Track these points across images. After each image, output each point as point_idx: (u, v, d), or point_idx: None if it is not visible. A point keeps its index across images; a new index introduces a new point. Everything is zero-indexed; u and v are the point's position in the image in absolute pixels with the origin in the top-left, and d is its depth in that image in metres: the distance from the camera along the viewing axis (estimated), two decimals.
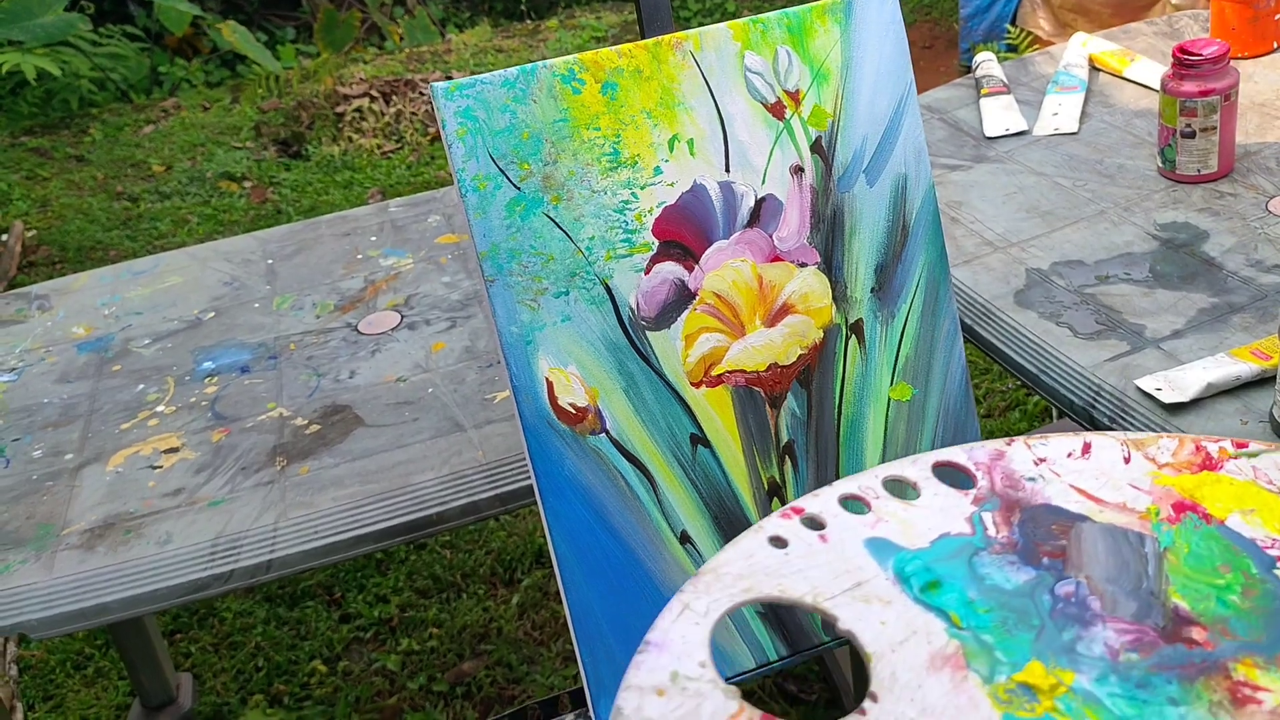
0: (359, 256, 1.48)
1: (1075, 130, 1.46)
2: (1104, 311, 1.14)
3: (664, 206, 0.72)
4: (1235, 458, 0.49)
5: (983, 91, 1.56)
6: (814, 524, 0.44)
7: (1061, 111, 1.49)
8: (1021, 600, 0.41)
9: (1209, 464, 0.49)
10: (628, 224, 0.71)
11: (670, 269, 0.72)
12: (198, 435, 1.16)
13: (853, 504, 0.44)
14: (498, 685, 1.76)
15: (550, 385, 0.71)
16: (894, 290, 0.76)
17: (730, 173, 0.73)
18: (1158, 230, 1.25)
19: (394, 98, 4.05)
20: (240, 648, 1.88)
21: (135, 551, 1.01)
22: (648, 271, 0.72)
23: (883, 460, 0.78)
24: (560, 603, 1.90)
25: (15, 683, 1.85)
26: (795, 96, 0.73)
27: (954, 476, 0.46)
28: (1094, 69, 1.59)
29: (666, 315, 0.73)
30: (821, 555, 0.43)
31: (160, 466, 1.12)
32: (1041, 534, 0.43)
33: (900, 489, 0.45)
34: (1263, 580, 0.44)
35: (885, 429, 0.78)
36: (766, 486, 0.76)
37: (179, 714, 1.76)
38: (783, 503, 0.77)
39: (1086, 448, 0.48)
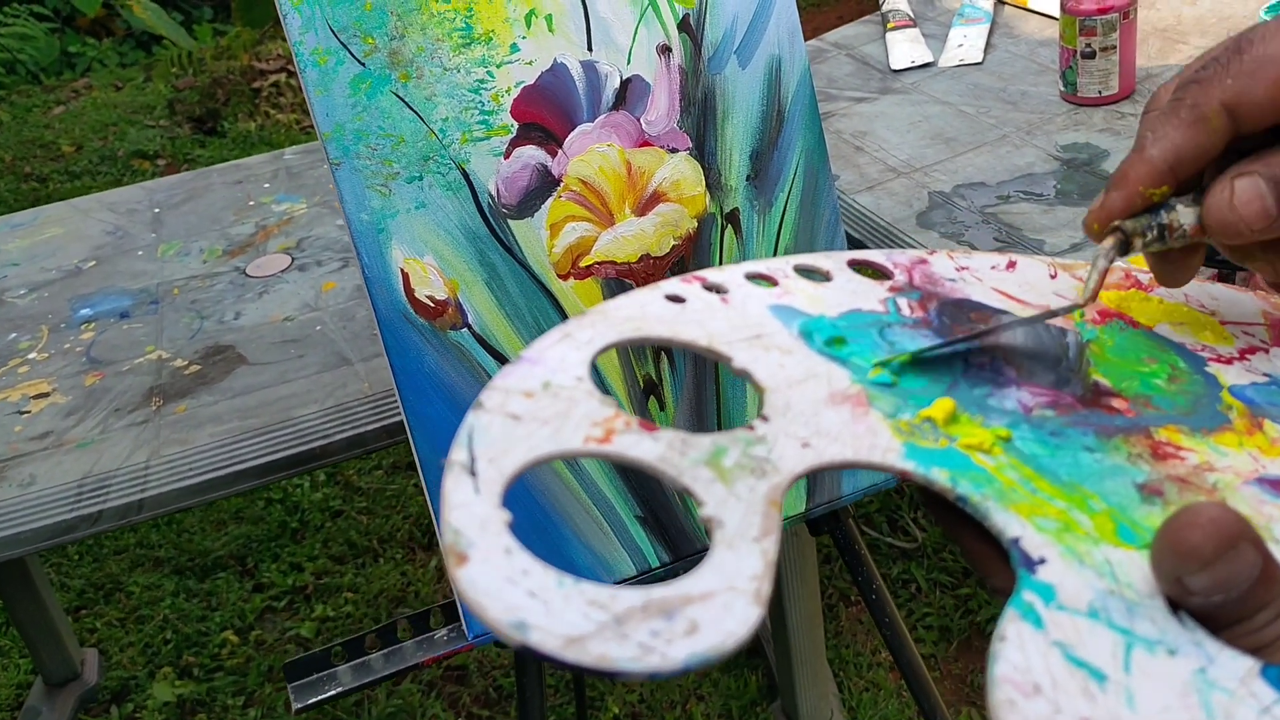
0: (251, 203, 1.43)
1: (980, 60, 1.45)
2: (1005, 229, 1.13)
3: (522, 86, 0.68)
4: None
5: (889, 26, 1.54)
6: (716, 290, 0.39)
7: (966, 43, 1.48)
8: (933, 361, 0.37)
9: (1139, 286, 0.46)
10: (484, 104, 0.67)
11: (532, 153, 0.68)
12: (70, 380, 1.11)
13: (760, 280, 0.40)
14: None
15: (406, 277, 0.67)
16: (770, 178, 0.73)
17: (593, 51, 0.69)
18: (1059, 151, 1.24)
19: None
20: (148, 621, 1.81)
21: None
22: (507, 156, 0.68)
23: None
24: None
25: None
26: None
27: (872, 274, 0.42)
28: (999, 2, 1.57)
29: (529, 203, 0.69)
30: (720, 312, 0.39)
31: (28, 411, 1.07)
32: (960, 319, 0.40)
33: (812, 275, 0.41)
34: (1191, 373, 0.41)
35: None
36: (642, 384, 0.73)
37: (83, 690, 1.70)
38: (659, 401, 0.73)
39: (1012, 264, 0.44)
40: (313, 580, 1.86)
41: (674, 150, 0.71)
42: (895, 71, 1.47)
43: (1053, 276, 0.45)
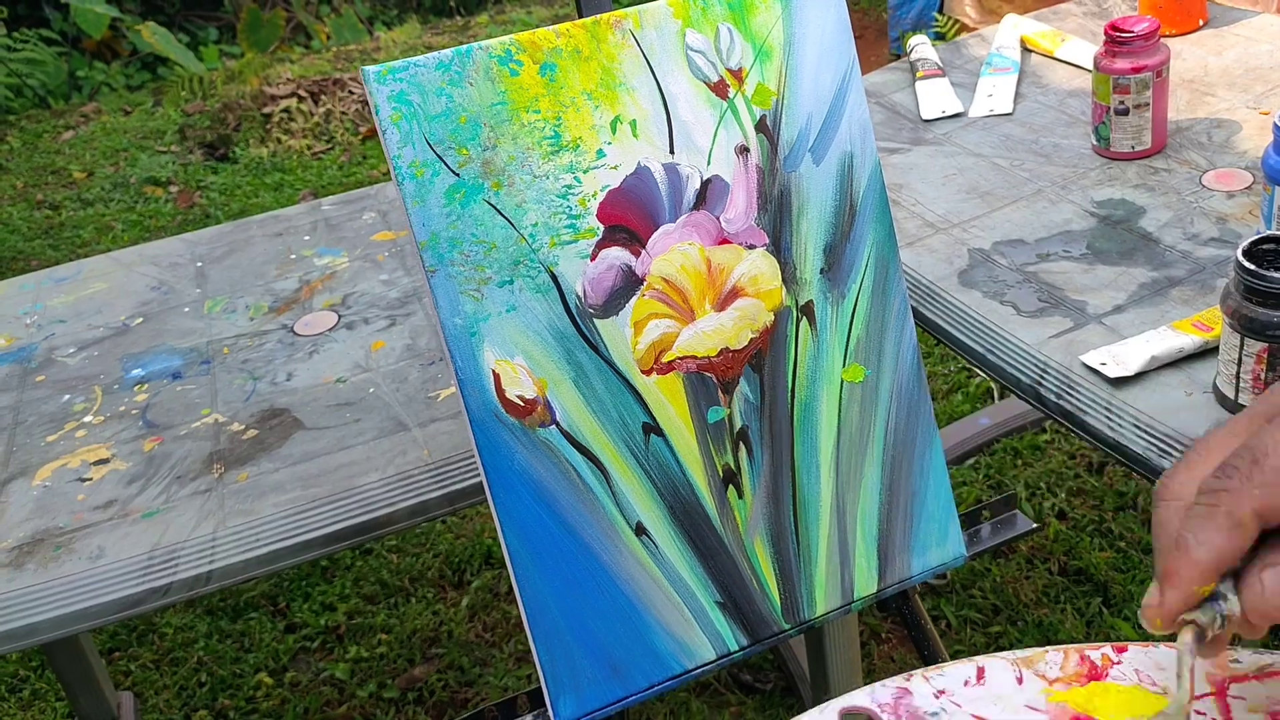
0: (292, 256, 1.45)
1: (1010, 111, 1.47)
2: (1046, 289, 1.14)
3: (608, 190, 0.70)
4: (1117, 663, 0.53)
5: (918, 75, 1.57)
6: None
7: (996, 93, 1.50)
8: None
9: (1095, 674, 0.52)
10: (571, 209, 0.69)
11: (617, 254, 0.70)
12: (128, 445, 1.12)
13: None
14: (450, 689, 1.73)
15: (497, 377, 0.68)
16: (843, 270, 0.75)
17: (675, 154, 0.71)
18: (1095, 207, 1.26)
19: (323, 97, 3.98)
20: (182, 663, 1.83)
21: (66, 568, 0.97)
22: (594, 257, 0.70)
23: (838, 443, 0.77)
24: (511, 603, 1.87)
25: None
26: (738, 75, 0.72)
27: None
28: (1026, 50, 1.60)
29: (614, 302, 0.71)
30: None
31: (90, 479, 1.08)
32: None
33: None
34: None
35: (839, 411, 0.77)
36: (721, 474, 0.75)
37: None
38: (738, 490, 0.75)
39: (980, 673, 0.50)
40: (345, 620, 1.88)
41: (752, 246, 0.73)
42: (926, 121, 1.49)
43: (1019, 680, 0.50)
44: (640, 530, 0.72)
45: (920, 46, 1.62)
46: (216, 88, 4.21)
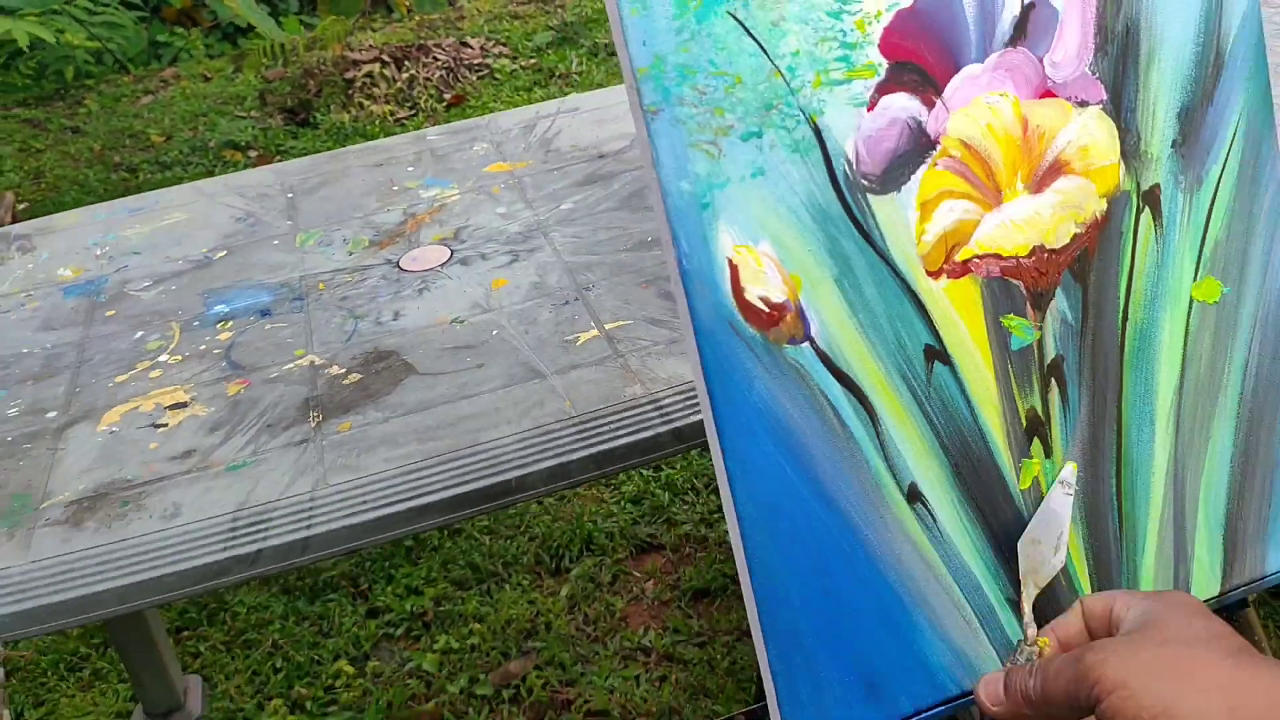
0: (395, 188, 1.26)
1: None
2: None
3: (896, 11, 0.50)
4: None
5: None
6: None
7: None
8: None
9: None
10: (845, 34, 0.49)
11: (903, 104, 0.50)
12: (210, 388, 0.94)
13: None
14: (550, 688, 1.55)
15: (734, 270, 0.49)
16: (1202, 145, 0.54)
17: None
18: None
19: (406, 63, 3.83)
20: (256, 646, 1.66)
21: (134, 528, 0.79)
22: (872, 106, 0.50)
23: (1181, 387, 0.56)
24: (615, 594, 1.68)
25: (1, 687, 1.63)
26: None
27: None
28: None
29: (896, 171, 0.51)
30: None
31: (165, 425, 0.90)
32: None
33: None
34: None
35: (1185, 343, 0.56)
36: (1025, 421, 0.54)
37: None
38: (1044, 445, 0.54)
39: None
40: (432, 606, 1.70)
41: (1084, 103, 0.52)
42: None
43: None
44: (914, 495, 0.52)
45: None
46: (298, 54, 4.08)
